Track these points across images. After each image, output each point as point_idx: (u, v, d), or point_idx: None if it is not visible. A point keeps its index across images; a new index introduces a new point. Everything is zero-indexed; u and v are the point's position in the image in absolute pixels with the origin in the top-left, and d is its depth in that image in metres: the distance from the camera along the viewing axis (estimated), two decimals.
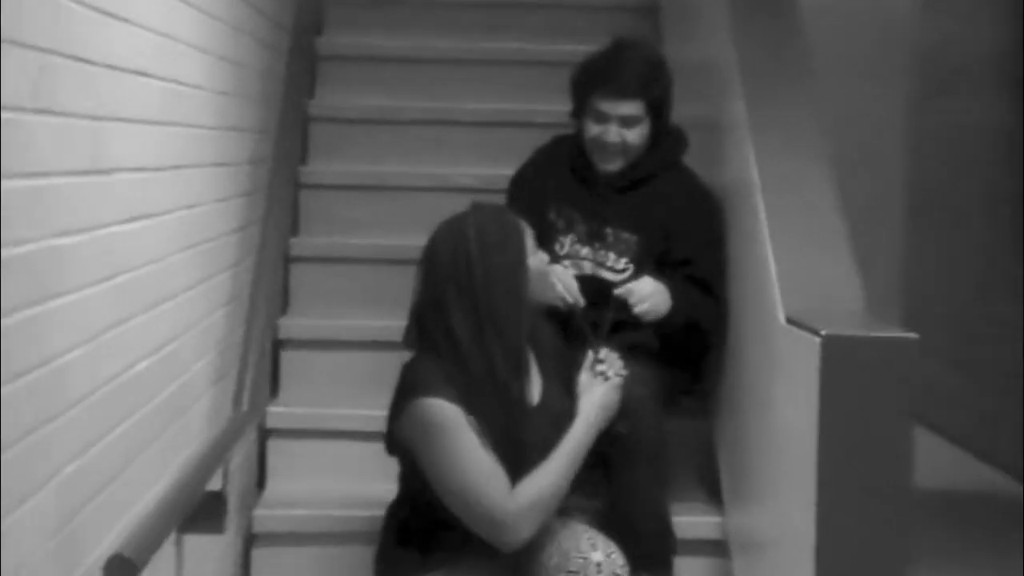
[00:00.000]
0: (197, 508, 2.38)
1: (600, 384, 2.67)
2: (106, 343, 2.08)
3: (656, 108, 3.13)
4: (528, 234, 2.62)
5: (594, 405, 2.64)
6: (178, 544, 2.36)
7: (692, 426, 3.29)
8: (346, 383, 3.52)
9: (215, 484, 2.53)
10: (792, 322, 2.61)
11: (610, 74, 3.09)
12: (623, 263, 3.13)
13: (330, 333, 3.60)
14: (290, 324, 3.61)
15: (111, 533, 2.10)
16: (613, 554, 2.54)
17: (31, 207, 1.75)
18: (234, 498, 2.86)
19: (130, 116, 2.21)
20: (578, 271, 3.14)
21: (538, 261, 2.64)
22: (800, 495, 2.49)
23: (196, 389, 2.74)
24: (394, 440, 2.58)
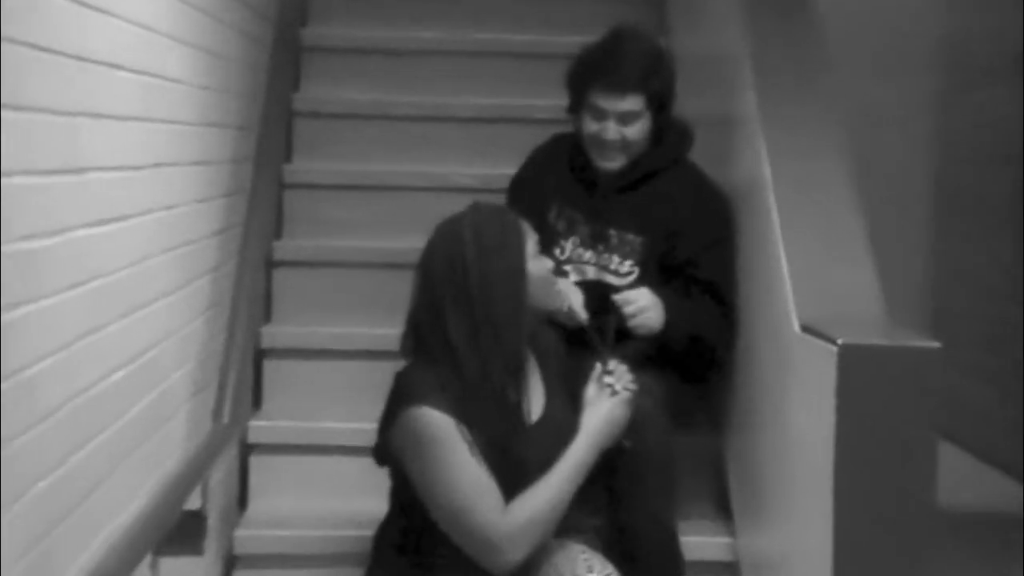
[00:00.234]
0: (174, 528, 2.39)
1: (607, 398, 2.65)
2: (79, 352, 2.08)
3: (657, 102, 3.12)
4: (530, 237, 2.62)
5: (599, 420, 2.62)
6: (154, 567, 2.35)
7: (701, 440, 3.29)
8: (333, 395, 3.52)
9: (194, 502, 2.53)
10: (807, 330, 2.60)
11: (607, 68, 3.09)
12: (627, 266, 3.14)
13: (316, 342, 3.59)
14: (274, 332, 3.61)
15: (83, 555, 2.10)
16: None
17: None
18: (214, 517, 2.85)
19: (105, 112, 2.21)
20: (581, 276, 3.14)
21: (541, 267, 2.64)
22: (816, 514, 2.47)
23: (174, 401, 2.74)
24: (385, 451, 2.58)
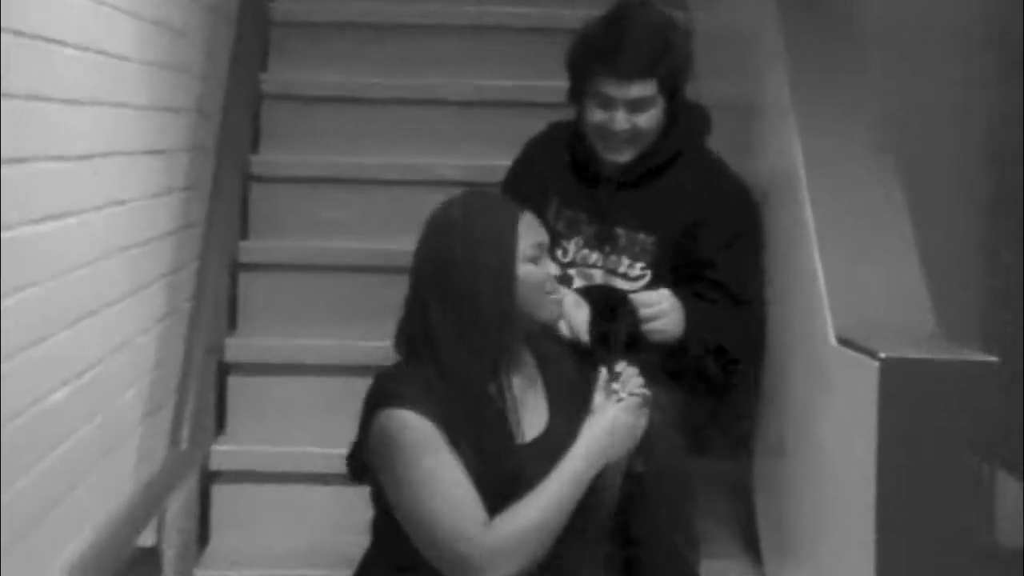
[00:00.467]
0: (127, 567, 2.41)
1: (612, 405, 2.60)
2: (16, 369, 2.07)
3: (671, 85, 3.10)
4: (531, 236, 2.58)
5: (599, 428, 2.56)
6: None
7: (723, 466, 3.30)
8: (306, 416, 3.51)
9: (148, 538, 2.58)
10: (844, 342, 2.61)
11: (614, 50, 3.06)
12: (639, 268, 3.12)
13: (287, 355, 3.59)
14: (239, 345, 3.61)
15: None
16: None
17: None
18: (171, 555, 2.88)
19: (43, 94, 2.20)
20: (587, 281, 3.13)
21: (536, 272, 2.59)
22: (855, 549, 2.48)
23: (125, 424, 2.74)
24: (361, 462, 2.54)
